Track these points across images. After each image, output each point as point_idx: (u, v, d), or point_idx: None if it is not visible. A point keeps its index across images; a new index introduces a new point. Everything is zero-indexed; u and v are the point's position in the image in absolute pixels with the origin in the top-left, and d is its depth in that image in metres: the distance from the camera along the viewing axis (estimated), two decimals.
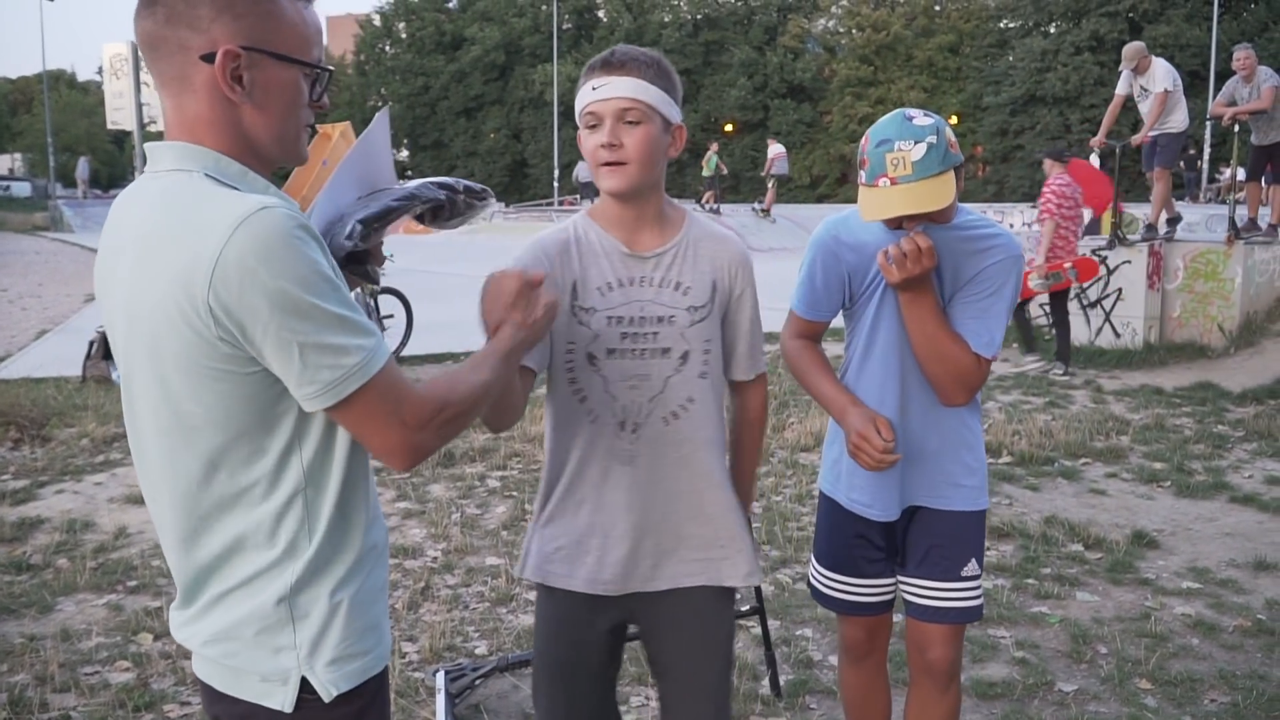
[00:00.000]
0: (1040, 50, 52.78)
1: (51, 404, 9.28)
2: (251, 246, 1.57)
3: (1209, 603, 5.18)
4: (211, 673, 1.82)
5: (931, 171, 2.55)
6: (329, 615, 1.77)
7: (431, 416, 1.74)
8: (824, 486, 3.11)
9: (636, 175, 2.36)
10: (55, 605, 5.11)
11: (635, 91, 2.32)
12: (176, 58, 1.68)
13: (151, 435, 1.77)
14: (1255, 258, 11.91)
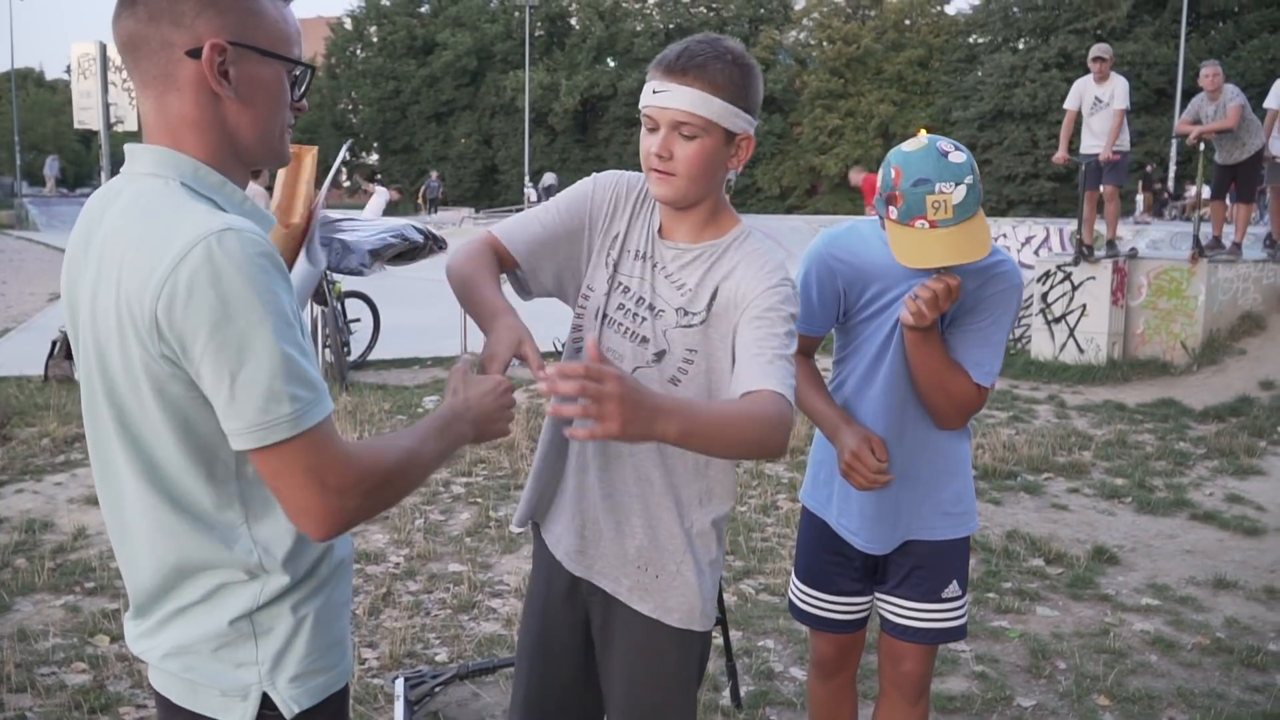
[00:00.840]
0: (1009, 66, 53.12)
1: (13, 403, 9.19)
2: (208, 267, 1.49)
3: (1168, 620, 5.21)
4: (169, 685, 1.76)
5: (969, 214, 2.51)
6: (292, 631, 1.71)
7: (357, 482, 1.61)
8: (807, 500, 3.06)
9: (683, 189, 2.23)
10: (12, 605, 5.06)
11: (694, 105, 2.16)
12: (159, 55, 1.63)
13: (104, 441, 1.71)
14: (1219, 276, 12.02)
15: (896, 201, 2.54)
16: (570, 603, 2.45)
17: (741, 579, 5.53)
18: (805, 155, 59.54)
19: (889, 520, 2.88)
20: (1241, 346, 11.79)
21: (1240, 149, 11.95)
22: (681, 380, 2.28)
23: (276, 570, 1.69)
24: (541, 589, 2.50)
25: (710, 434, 1.89)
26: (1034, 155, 51.15)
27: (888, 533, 2.89)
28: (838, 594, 3.00)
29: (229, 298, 1.49)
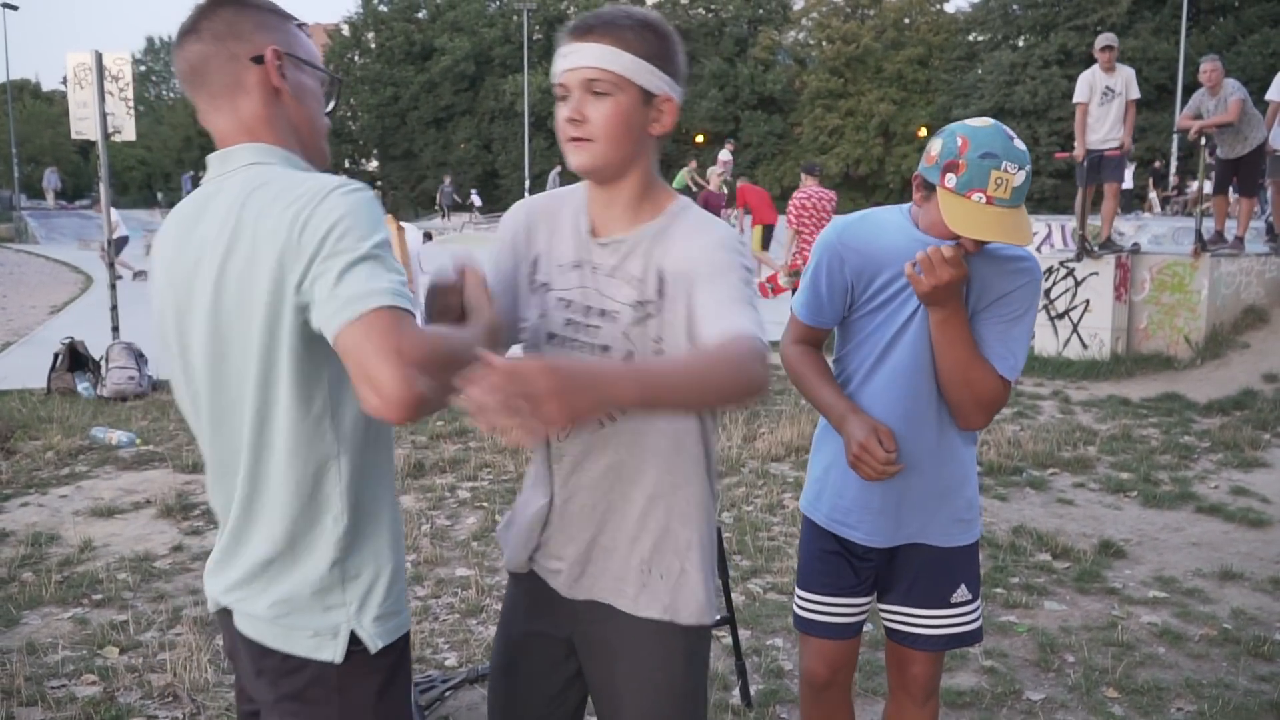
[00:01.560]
0: (1009, 63, 53.20)
1: (16, 416, 9.20)
2: (345, 203, 1.76)
3: (1175, 612, 5.21)
4: (263, 632, 1.95)
5: (1021, 201, 2.52)
6: (375, 576, 1.96)
7: (431, 354, 1.71)
8: (806, 508, 3.00)
9: (602, 154, 2.09)
10: (21, 619, 5.06)
11: (603, 60, 2.04)
12: (228, 67, 1.92)
13: (227, 402, 1.89)
14: (1222, 270, 12.01)
15: (958, 170, 2.51)
16: (554, 624, 2.33)
17: (749, 578, 5.53)
18: (806, 155, 59.51)
19: (891, 514, 2.82)
20: (1245, 340, 11.78)
21: (1242, 143, 11.94)
22: None
23: (363, 519, 1.95)
24: (520, 616, 2.39)
25: (675, 386, 1.75)
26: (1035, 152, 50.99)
27: (889, 526, 2.83)
28: (834, 594, 2.91)
29: (351, 216, 1.75)
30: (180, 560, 5.86)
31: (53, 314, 18.03)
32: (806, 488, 3.02)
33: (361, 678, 1.96)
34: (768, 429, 8.88)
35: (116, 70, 11.04)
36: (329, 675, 1.93)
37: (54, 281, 24.84)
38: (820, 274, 2.77)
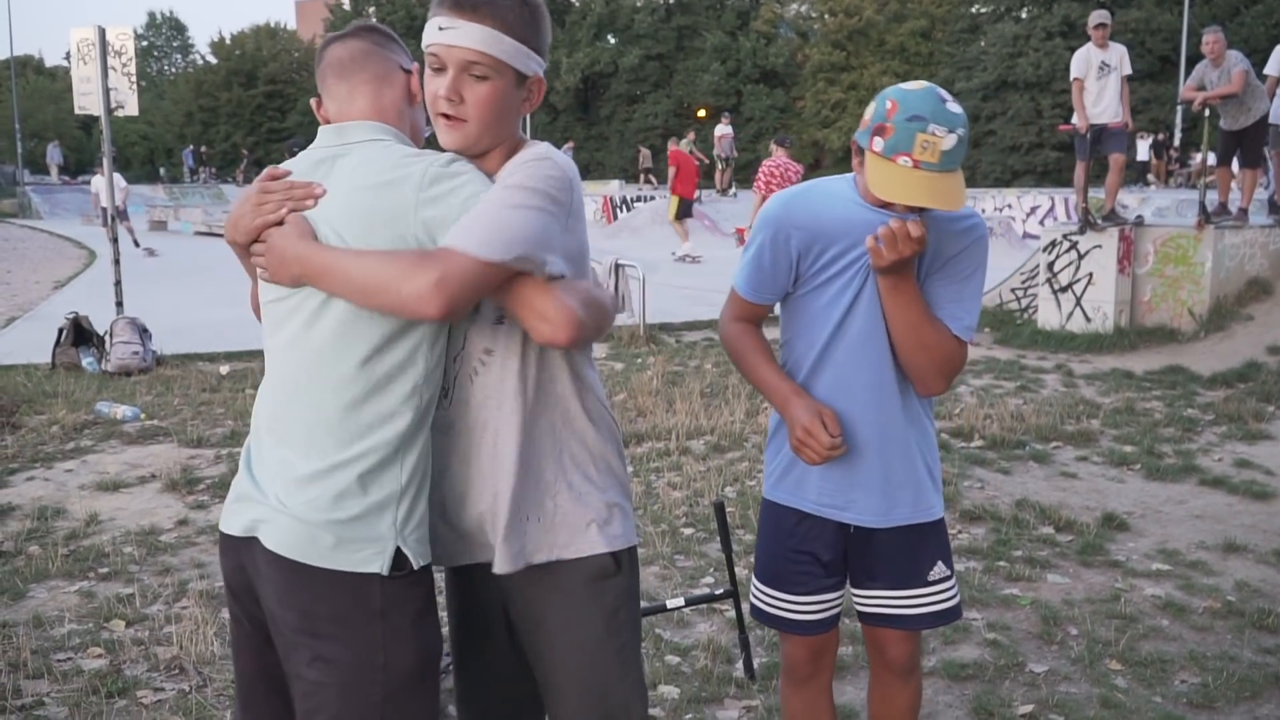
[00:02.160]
0: (1012, 35, 52.92)
1: (21, 391, 9.22)
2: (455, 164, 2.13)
3: (1179, 584, 5.22)
4: (305, 548, 2.08)
5: (953, 166, 2.43)
6: (415, 500, 2.16)
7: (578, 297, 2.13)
8: (774, 494, 2.88)
9: (475, 135, 2.14)
10: (27, 592, 5.08)
11: (485, 43, 2.08)
12: (383, 64, 2.32)
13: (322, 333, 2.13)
14: (1225, 242, 11.98)
15: (885, 133, 2.43)
16: (486, 592, 2.38)
17: (751, 551, 5.53)
18: (808, 129, 59.45)
19: (878, 490, 2.74)
20: (1249, 312, 11.77)
21: (1245, 114, 11.91)
22: (504, 319, 2.19)
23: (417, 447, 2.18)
24: (453, 592, 2.47)
25: (331, 268, 2.02)
26: (1038, 125, 50.99)
27: (879, 504, 2.74)
28: (804, 593, 2.83)
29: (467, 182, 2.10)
30: (186, 534, 5.88)
31: (57, 289, 18.03)
32: (772, 473, 2.89)
33: (403, 599, 2.13)
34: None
35: (119, 45, 11.00)
36: (373, 593, 2.09)
37: (58, 257, 24.84)
38: (764, 249, 2.70)
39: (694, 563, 5.45)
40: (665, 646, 4.51)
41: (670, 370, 10.46)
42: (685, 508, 6.30)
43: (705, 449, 7.62)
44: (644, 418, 8.35)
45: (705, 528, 5.91)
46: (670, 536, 5.78)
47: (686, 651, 4.48)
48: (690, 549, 5.62)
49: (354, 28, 2.36)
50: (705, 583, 5.20)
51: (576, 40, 65.74)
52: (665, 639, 4.58)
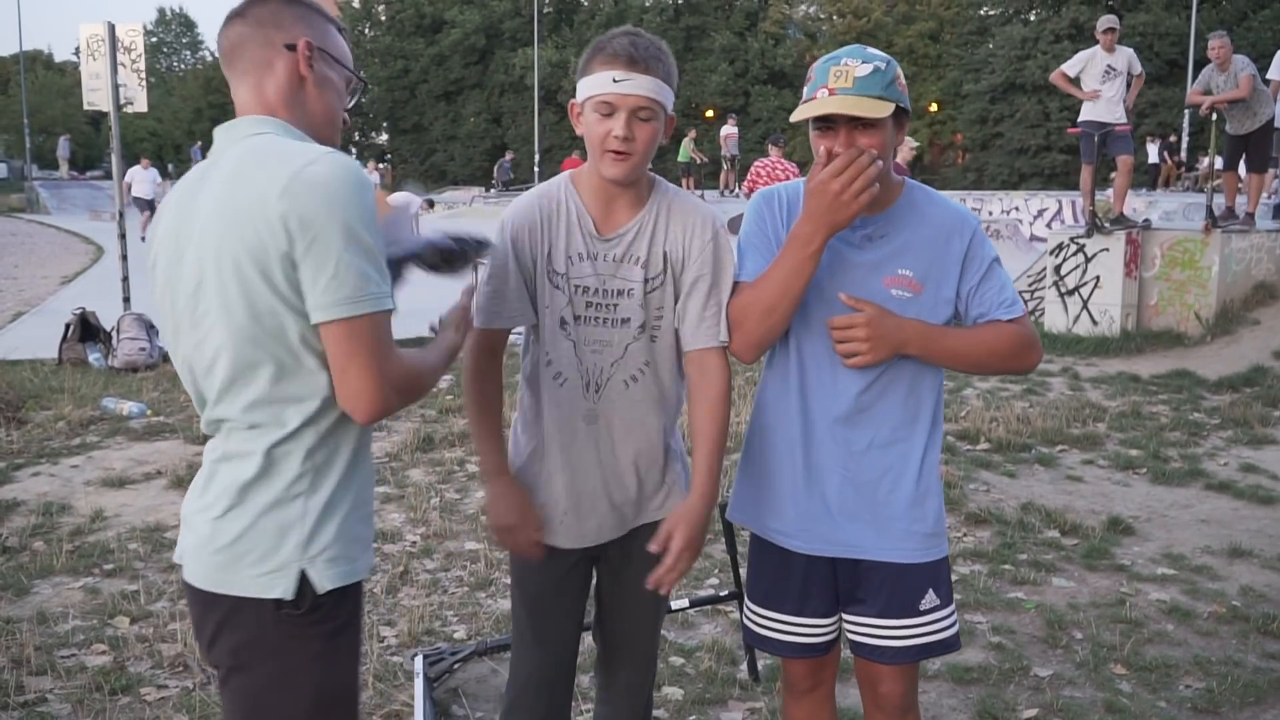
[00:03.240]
0: (1020, 38, 52.86)
1: (27, 386, 9.23)
2: (326, 175, 1.92)
3: (1184, 589, 5.21)
4: (212, 575, 2.02)
5: (872, 92, 2.39)
6: (322, 520, 2.03)
7: (403, 378, 2.03)
8: (736, 515, 2.83)
9: (638, 166, 2.51)
10: (32, 588, 5.09)
11: (654, 91, 2.47)
12: (260, 49, 2.12)
13: (219, 336, 1.99)
14: (1232, 246, 11.97)
15: (809, 81, 2.49)
16: (569, 571, 2.77)
17: None
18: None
19: (824, 518, 2.62)
20: (1255, 317, 11.75)
21: (1251, 119, 11.90)
22: (656, 337, 2.65)
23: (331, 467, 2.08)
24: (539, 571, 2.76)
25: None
26: (1046, 128, 50.93)
27: (829, 532, 2.62)
28: (796, 614, 2.71)
29: (345, 200, 1.92)
30: None
31: (64, 284, 18.07)
32: (733, 494, 2.84)
33: (307, 627, 2.01)
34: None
35: (129, 41, 11.03)
36: (266, 621, 1.99)
37: (65, 252, 24.88)
38: (752, 231, 2.66)
39: (699, 564, 5.44)
40: (670, 648, 4.50)
41: None
42: None
43: None
44: None
45: (710, 529, 5.90)
46: None
47: (691, 653, 4.47)
48: None
49: (239, 5, 2.18)
50: (710, 584, 5.20)
51: (585, 40, 65.60)
52: (670, 640, 4.58)
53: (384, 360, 1.96)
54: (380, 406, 1.98)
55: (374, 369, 1.95)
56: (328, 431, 2.04)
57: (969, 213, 2.67)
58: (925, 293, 2.56)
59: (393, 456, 7.40)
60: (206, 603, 2.04)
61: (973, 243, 2.59)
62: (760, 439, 2.73)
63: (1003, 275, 2.63)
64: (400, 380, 2.01)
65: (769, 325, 2.55)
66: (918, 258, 2.56)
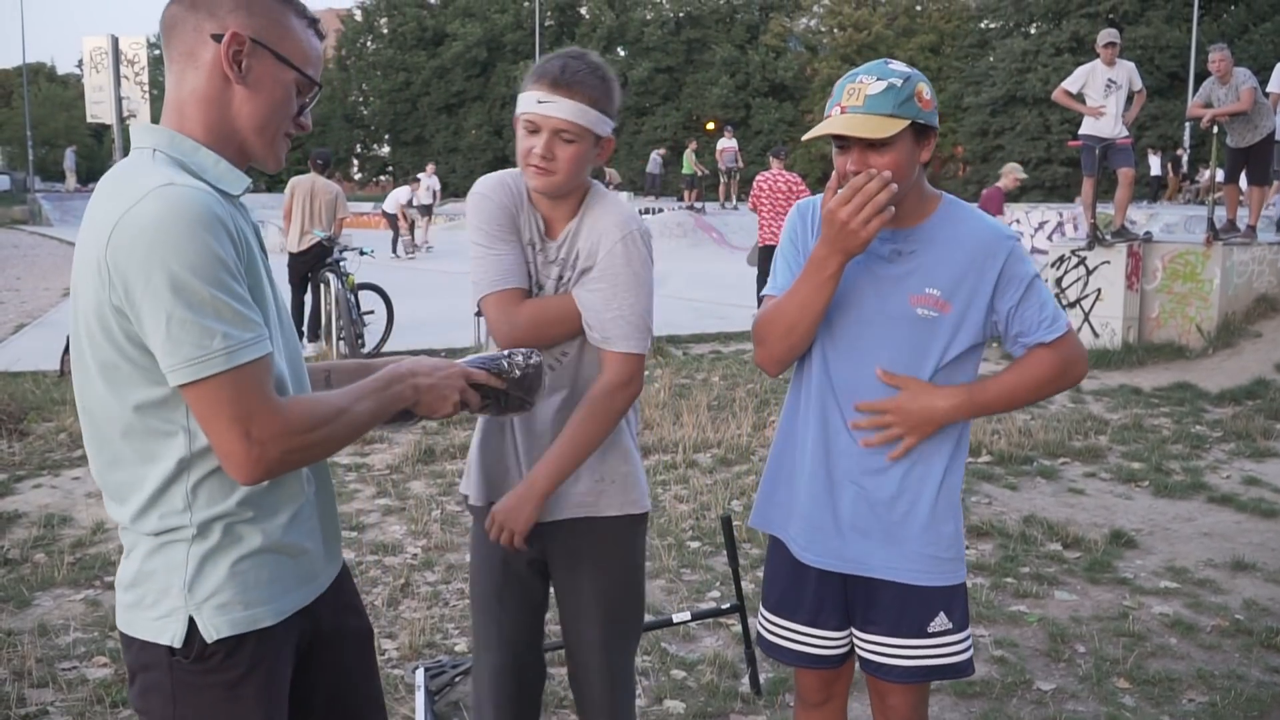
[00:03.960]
0: (1021, 51, 52.93)
1: (29, 398, 9.23)
2: (148, 218, 1.71)
3: (1187, 602, 5.20)
4: (121, 617, 1.94)
5: (883, 110, 2.38)
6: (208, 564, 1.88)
7: (282, 435, 1.79)
8: (757, 521, 2.84)
9: (561, 184, 2.60)
10: (33, 600, 5.08)
11: (575, 115, 2.54)
12: (189, 36, 1.89)
13: (79, 378, 1.90)
14: (1234, 259, 11.96)
15: (830, 97, 2.50)
16: (531, 545, 2.76)
17: (758, 566, 5.53)
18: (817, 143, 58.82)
19: (833, 532, 2.62)
20: (1257, 329, 11.74)
21: (1252, 132, 11.91)
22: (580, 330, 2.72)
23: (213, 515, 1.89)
24: (497, 549, 2.78)
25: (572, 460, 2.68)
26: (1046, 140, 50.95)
27: (832, 544, 2.63)
28: (809, 625, 2.72)
29: (165, 246, 1.70)
30: None
31: (66, 296, 18.06)
32: (757, 499, 2.85)
33: (200, 676, 1.89)
34: (777, 417, 8.83)
35: (132, 54, 11.07)
36: (164, 666, 1.88)
37: (67, 264, 24.72)
38: (785, 247, 2.69)
39: (700, 576, 5.44)
40: (671, 661, 4.50)
41: (677, 383, 10.46)
42: (692, 521, 6.29)
43: (712, 462, 7.61)
44: (651, 430, 8.35)
45: (711, 541, 5.90)
46: (677, 550, 5.77)
47: (692, 666, 4.47)
48: (696, 563, 5.61)
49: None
50: (712, 597, 5.19)
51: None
52: (671, 653, 4.57)
53: (250, 419, 1.75)
54: (255, 469, 1.78)
55: (238, 430, 1.74)
56: (206, 478, 1.86)
57: (1006, 230, 2.62)
58: (953, 312, 2.54)
59: (394, 469, 7.39)
60: (124, 643, 1.96)
61: (1009, 261, 2.55)
62: (781, 446, 2.77)
63: (1043, 293, 2.60)
64: (280, 437, 1.78)
65: (790, 344, 2.58)
66: (947, 276, 2.53)
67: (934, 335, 2.53)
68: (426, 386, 2.05)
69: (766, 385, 10.22)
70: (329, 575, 2.11)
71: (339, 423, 1.88)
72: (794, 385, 2.74)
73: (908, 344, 2.54)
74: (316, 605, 2.06)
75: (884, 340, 2.55)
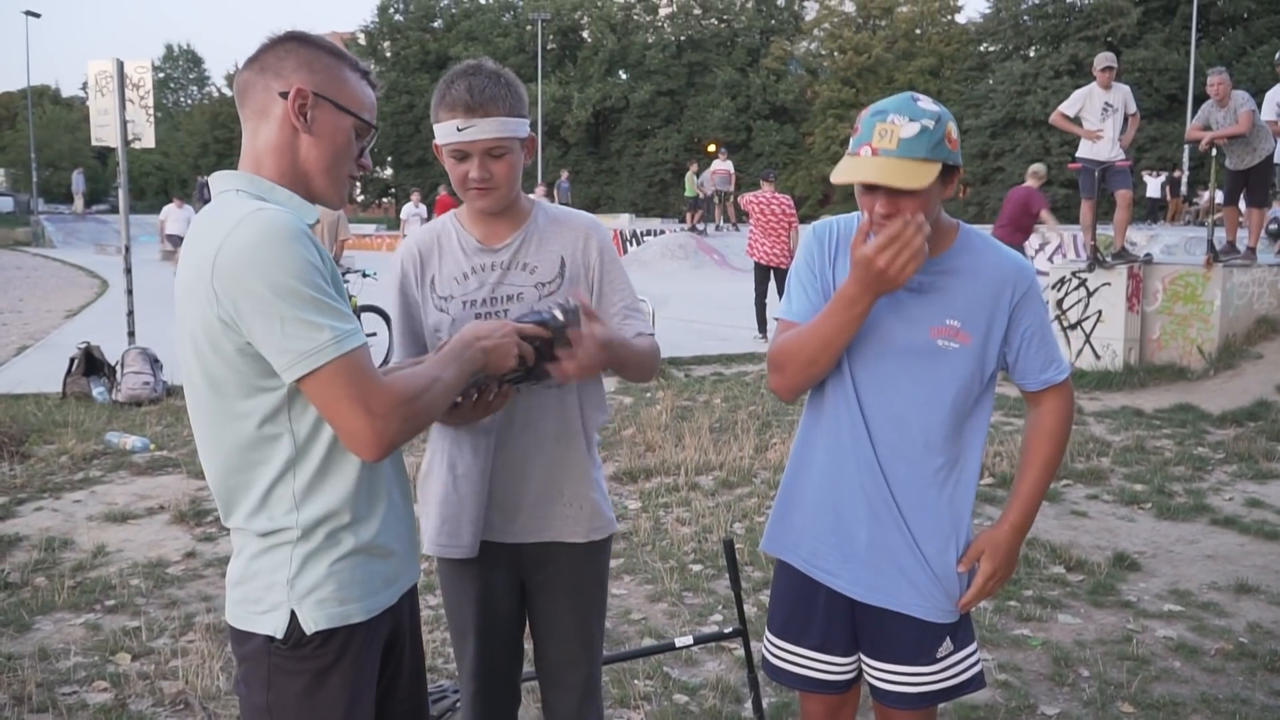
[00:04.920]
0: (1020, 74, 53.18)
1: (31, 420, 9.23)
2: (247, 238, 1.92)
3: (1191, 625, 5.19)
4: (231, 612, 2.15)
5: (917, 154, 2.33)
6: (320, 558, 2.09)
7: (396, 406, 2.02)
8: (770, 547, 2.80)
9: (504, 196, 2.69)
10: (33, 624, 5.07)
11: (499, 131, 2.59)
12: (260, 96, 2.15)
13: (191, 396, 2.11)
14: (1234, 280, 11.98)
15: (855, 133, 2.42)
16: (505, 574, 2.85)
17: (761, 590, 5.52)
18: (818, 165, 59.66)
19: (851, 559, 2.61)
20: (1258, 351, 11.74)
21: (1251, 154, 11.95)
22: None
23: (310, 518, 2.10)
24: (476, 573, 2.84)
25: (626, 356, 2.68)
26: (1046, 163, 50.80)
27: (873, 579, 2.60)
28: (817, 649, 2.70)
29: (267, 260, 1.92)
30: (193, 567, 5.87)
31: (69, 318, 18.10)
32: (770, 524, 2.81)
33: (293, 668, 2.09)
34: (780, 439, 8.86)
35: (137, 78, 11.09)
36: (262, 658, 2.10)
37: (70, 286, 24.93)
38: (801, 267, 2.66)
39: (702, 600, 5.43)
40: (673, 685, 4.48)
41: (679, 405, 10.45)
42: (694, 544, 6.28)
43: (714, 485, 7.60)
44: (652, 452, 8.34)
45: (714, 564, 5.89)
46: (679, 573, 5.76)
47: (694, 691, 4.45)
48: (699, 586, 5.60)
49: (262, 45, 2.22)
50: (714, 621, 5.17)
51: (588, 76, 66.09)
52: (673, 678, 4.56)
53: (368, 397, 1.98)
54: (380, 443, 2.00)
55: (359, 410, 1.97)
56: (311, 483, 2.09)
57: (1024, 263, 2.60)
58: (974, 344, 2.53)
59: None
60: (233, 636, 2.16)
61: (1027, 295, 2.56)
62: (795, 472, 2.74)
63: (1049, 336, 2.63)
64: (395, 408, 2.01)
65: (810, 374, 2.58)
66: (967, 308, 2.53)
67: (953, 366, 2.52)
68: (492, 347, 2.31)
69: (768, 408, 10.21)
70: (410, 578, 2.32)
71: (436, 389, 2.12)
72: (809, 412, 2.72)
73: (927, 374, 2.53)
74: (398, 606, 2.28)
75: (903, 370, 2.53)
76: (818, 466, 2.66)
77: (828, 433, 2.63)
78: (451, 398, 2.20)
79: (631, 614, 5.19)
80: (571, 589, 2.88)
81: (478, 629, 2.87)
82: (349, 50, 2.22)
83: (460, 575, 2.87)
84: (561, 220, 2.83)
